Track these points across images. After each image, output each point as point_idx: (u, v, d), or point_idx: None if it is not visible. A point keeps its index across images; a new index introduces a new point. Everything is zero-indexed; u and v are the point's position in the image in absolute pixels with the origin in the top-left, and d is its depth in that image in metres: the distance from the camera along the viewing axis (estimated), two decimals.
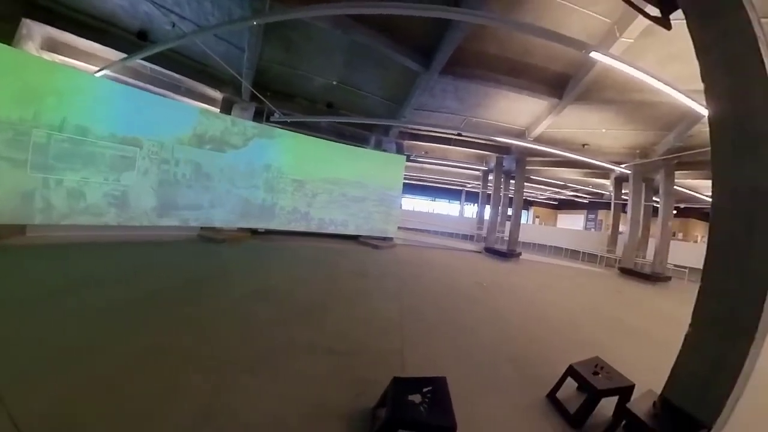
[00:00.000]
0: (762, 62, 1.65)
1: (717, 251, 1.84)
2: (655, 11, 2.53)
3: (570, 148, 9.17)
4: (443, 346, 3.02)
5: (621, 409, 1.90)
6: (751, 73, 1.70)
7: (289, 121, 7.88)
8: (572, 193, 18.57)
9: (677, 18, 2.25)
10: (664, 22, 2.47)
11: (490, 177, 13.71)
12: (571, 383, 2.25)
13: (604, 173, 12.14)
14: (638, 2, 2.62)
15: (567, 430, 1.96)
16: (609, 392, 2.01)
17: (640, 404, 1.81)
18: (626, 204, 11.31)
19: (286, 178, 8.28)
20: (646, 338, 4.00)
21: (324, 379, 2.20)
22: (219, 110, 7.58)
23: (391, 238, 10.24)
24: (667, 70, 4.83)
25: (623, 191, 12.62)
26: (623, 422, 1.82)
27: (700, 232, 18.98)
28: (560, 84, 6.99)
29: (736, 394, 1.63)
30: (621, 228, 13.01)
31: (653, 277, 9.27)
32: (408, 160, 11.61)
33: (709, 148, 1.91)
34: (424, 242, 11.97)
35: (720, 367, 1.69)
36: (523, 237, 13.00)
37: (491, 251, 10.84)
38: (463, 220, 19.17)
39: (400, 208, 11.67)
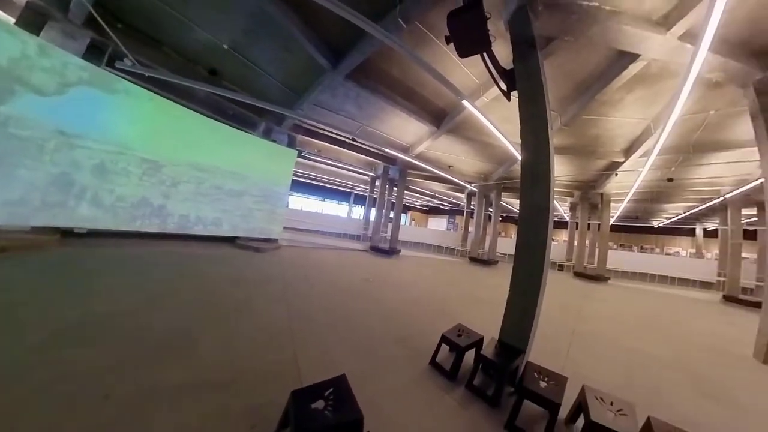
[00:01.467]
0: (546, 135, 2.91)
1: (521, 243, 2.93)
2: (503, 86, 3.64)
3: (439, 167, 11.41)
4: (337, 344, 3.06)
5: (477, 356, 2.63)
6: (541, 140, 2.96)
7: (147, 75, 5.78)
8: (439, 202, 23.15)
9: (515, 96, 3.44)
10: (507, 95, 3.60)
11: (377, 183, 15.04)
12: (445, 348, 2.88)
13: (461, 188, 15.68)
14: (496, 78, 3.68)
15: (448, 384, 2.55)
16: (468, 347, 2.75)
17: (488, 349, 2.62)
18: (473, 212, 15.18)
19: (131, 155, 6.06)
20: (488, 303, 5.56)
21: (205, 426, 1.75)
22: (15, 21, 4.79)
23: (275, 240, 9.51)
24: (503, 126, 6.88)
25: (472, 203, 16.65)
26: (480, 364, 2.56)
27: (512, 231, 28.07)
28: (440, 116, 8.68)
29: (534, 329, 2.68)
30: (470, 229, 17.15)
31: (489, 262, 13.14)
32: (299, 155, 11.16)
33: (519, 179, 3.07)
34: (312, 243, 11.82)
35: (525, 314, 2.71)
36: (402, 236, 14.98)
37: (376, 249, 11.90)
38: (351, 221, 20.02)
39: (287, 206, 10.88)
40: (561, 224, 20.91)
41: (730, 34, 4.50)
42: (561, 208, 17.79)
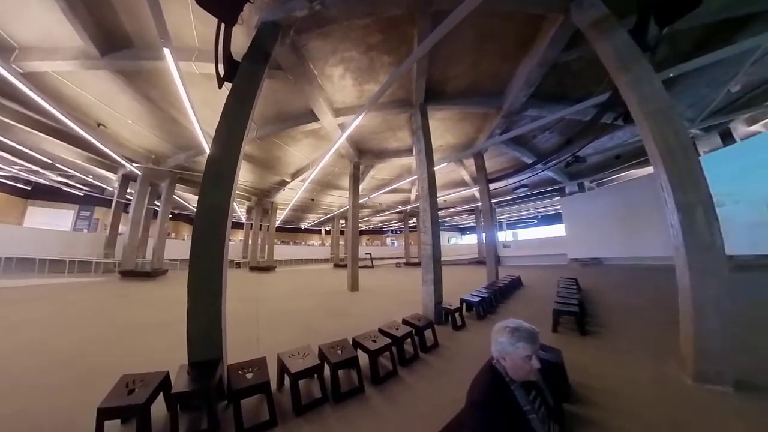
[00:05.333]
0: (241, 138, 3.38)
1: (199, 244, 2.58)
2: (222, 71, 3.32)
3: (76, 117, 7.20)
4: None
5: (169, 400, 2.10)
6: (235, 141, 3.40)
7: None
8: (61, 179, 14.39)
9: (227, 87, 3.27)
10: (220, 82, 3.34)
11: None
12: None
13: (113, 166, 11.15)
14: (219, 58, 3.24)
15: None
16: (153, 396, 2.05)
17: (180, 381, 2.11)
18: (129, 204, 11.26)
19: None
20: (160, 328, 4.37)
21: None
22: None
23: None
24: (202, 110, 6.08)
25: (129, 190, 12.41)
26: (178, 406, 1.99)
27: (186, 232, 24.31)
28: (116, 41, 5.01)
29: (224, 331, 2.58)
30: (121, 229, 12.50)
31: (153, 273, 10.35)
32: None
33: (202, 174, 2.78)
34: None
35: (213, 320, 2.48)
36: None
37: None
38: None
39: None
40: (237, 225, 22.43)
41: (353, 134, 7.88)
42: (239, 210, 18.99)
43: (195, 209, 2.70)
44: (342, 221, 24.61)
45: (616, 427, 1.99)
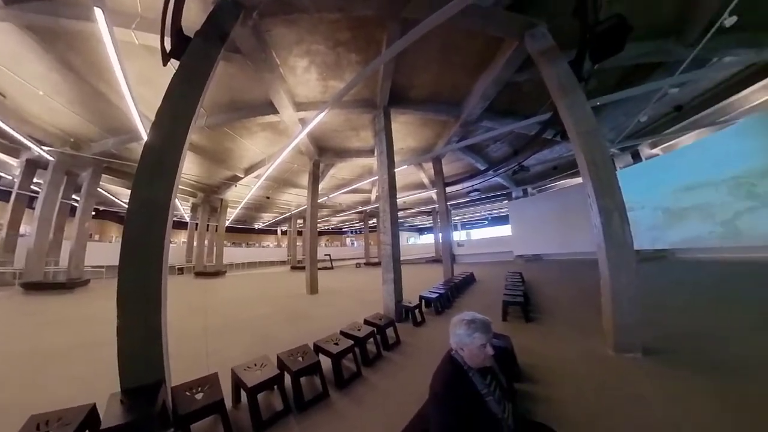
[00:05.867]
0: (187, 125, 2.84)
1: (131, 247, 2.16)
2: (168, 46, 2.92)
3: None
4: None
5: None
6: (179, 128, 2.75)
7: None
8: None
9: (174, 65, 2.87)
10: (166, 58, 2.93)
11: None
12: None
13: (13, 148, 9.17)
14: (167, 30, 2.85)
15: None
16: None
17: (110, 414, 1.74)
18: (36, 197, 9.38)
19: None
20: (88, 354, 3.68)
21: None
22: None
23: None
24: (139, 87, 5.31)
25: (36, 180, 10.31)
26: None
27: (115, 233, 20.70)
28: None
29: (165, 348, 2.20)
30: (24, 229, 10.32)
31: (70, 284, 8.65)
32: None
33: (137, 165, 2.36)
34: None
35: (151, 336, 2.12)
36: None
37: None
38: None
39: None
40: (180, 224, 20.02)
41: (315, 131, 7.61)
42: (182, 207, 17.05)
43: (126, 205, 2.32)
44: (300, 221, 23.80)
45: (556, 398, 2.31)
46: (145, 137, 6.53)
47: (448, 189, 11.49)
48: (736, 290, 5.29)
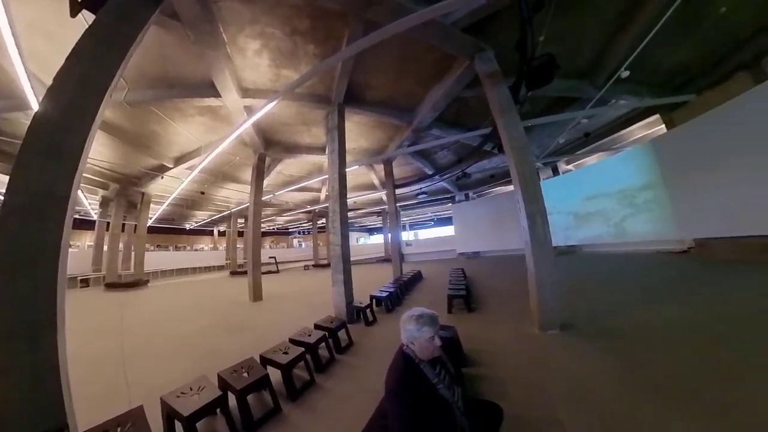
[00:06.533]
0: (100, 97, 2.37)
1: (3, 257, 1.63)
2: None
3: None
4: None
5: None
6: (89, 97, 2.07)
7: None
8: None
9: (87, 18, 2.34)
10: (77, 7, 2.31)
11: None
12: None
13: None
14: None
15: None
16: None
17: None
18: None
19: None
20: None
21: None
22: None
23: None
24: (26, 37, 4.09)
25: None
26: None
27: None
28: None
29: (66, 385, 1.72)
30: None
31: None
32: None
33: (21, 142, 1.81)
34: None
35: (44, 373, 1.61)
36: None
37: None
38: None
39: None
40: (84, 223, 16.52)
41: (262, 122, 7.10)
42: (88, 202, 14.10)
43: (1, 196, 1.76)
44: (241, 221, 21.79)
45: (497, 375, 2.63)
46: (35, 106, 5.14)
47: (398, 191, 11.89)
48: (623, 275, 6.76)
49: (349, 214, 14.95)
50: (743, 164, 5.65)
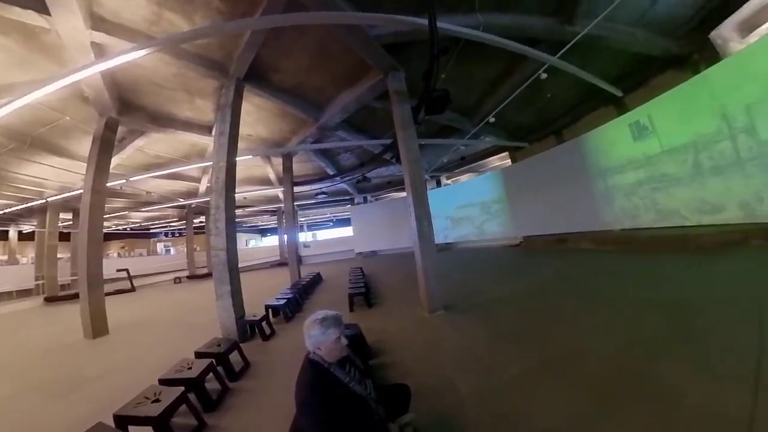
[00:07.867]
0: None
1: None
2: None
3: None
4: None
5: None
6: None
7: None
8: None
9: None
10: None
11: None
12: None
13: None
14: None
15: None
16: None
17: None
18: None
19: None
20: None
21: None
22: None
23: None
24: None
25: None
26: None
27: None
28: None
29: None
30: None
31: None
32: None
33: None
34: None
35: None
36: None
37: None
38: None
39: None
40: None
41: (120, 74, 5.21)
42: None
43: None
44: (67, 216, 14.79)
45: (399, 359, 2.97)
46: None
47: (297, 189, 11.29)
48: (483, 263, 8.87)
49: (237, 211, 13.06)
50: (547, 190, 9.03)
